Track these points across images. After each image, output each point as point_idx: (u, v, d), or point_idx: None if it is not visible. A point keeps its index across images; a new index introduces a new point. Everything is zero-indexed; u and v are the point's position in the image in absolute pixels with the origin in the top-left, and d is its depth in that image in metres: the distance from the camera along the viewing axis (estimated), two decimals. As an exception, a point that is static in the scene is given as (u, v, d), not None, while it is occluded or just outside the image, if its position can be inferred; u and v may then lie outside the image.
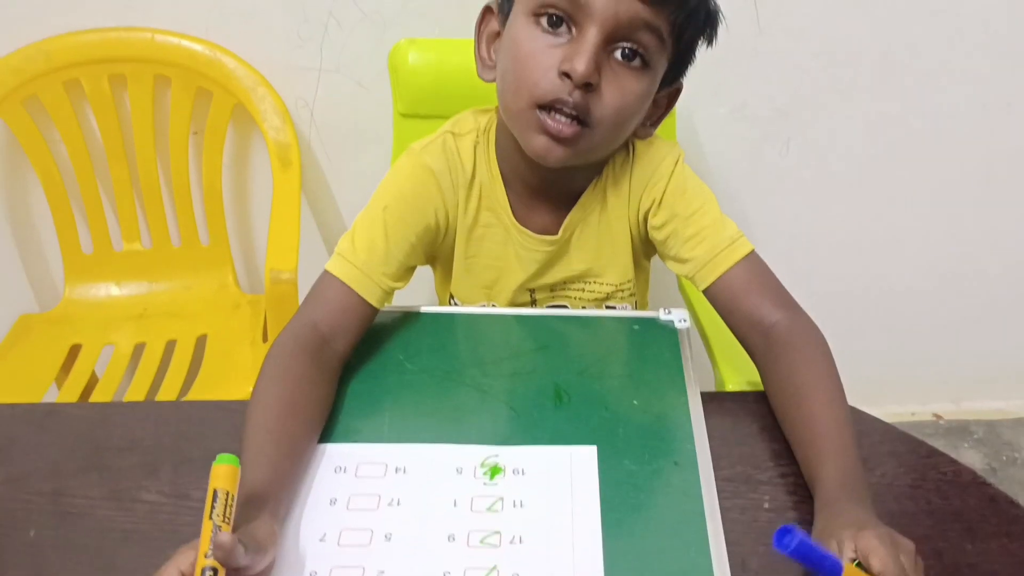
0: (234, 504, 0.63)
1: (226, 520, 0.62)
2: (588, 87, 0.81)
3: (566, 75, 0.81)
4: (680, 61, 0.89)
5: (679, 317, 0.96)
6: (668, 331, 0.95)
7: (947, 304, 1.75)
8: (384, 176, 0.96)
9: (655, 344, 0.93)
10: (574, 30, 0.82)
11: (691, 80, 0.90)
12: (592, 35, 0.80)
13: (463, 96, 0.93)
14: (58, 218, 1.52)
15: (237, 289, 1.56)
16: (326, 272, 0.90)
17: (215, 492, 0.62)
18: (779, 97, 1.55)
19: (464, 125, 0.98)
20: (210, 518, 0.61)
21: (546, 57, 0.82)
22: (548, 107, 0.83)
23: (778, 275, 0.91)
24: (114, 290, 1.56)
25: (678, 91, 0.95)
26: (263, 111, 1.45)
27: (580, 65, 0.80)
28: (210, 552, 0.60)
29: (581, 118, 0.83)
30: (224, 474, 0.63)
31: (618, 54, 0.83)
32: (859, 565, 0.62)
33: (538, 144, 0.86)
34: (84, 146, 1.48)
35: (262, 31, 1.45)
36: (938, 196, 1.64)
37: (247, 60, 1.45)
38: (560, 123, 0.83)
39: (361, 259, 0.89)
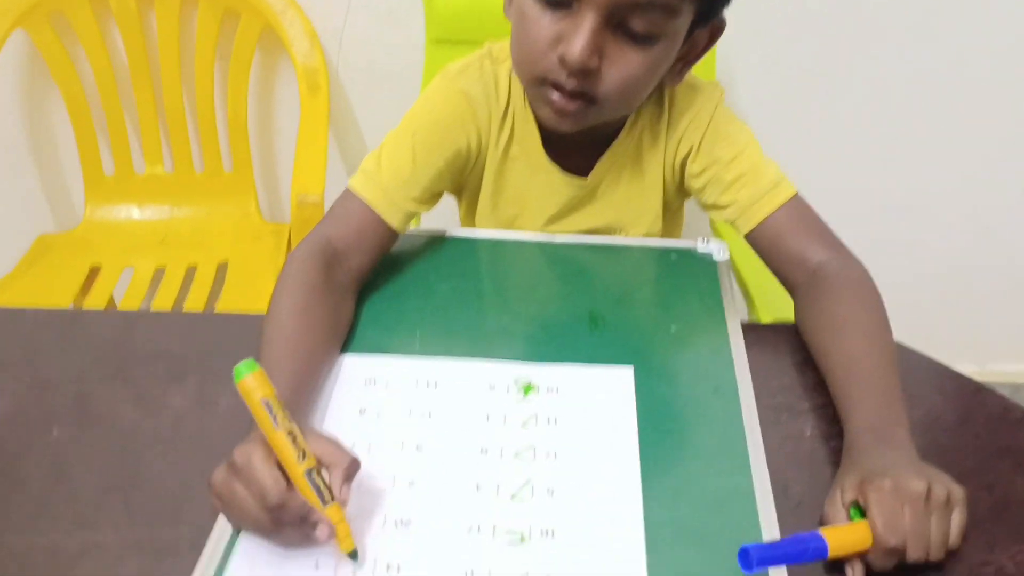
0: (281, 403, 0.61)
1: (288, 421, 0.60)
2: (586, 70, 0.77)
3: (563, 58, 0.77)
4: (710, 5, 0.82)
5: (718, 248, 0.93)
6: (706, 262, 0.92)
7: (975, 263, 1.72)
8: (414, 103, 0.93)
9: (693, 274, 0.90)
10: (575, 5, 0.77)
11: (730, 24, 0.85)
12: (589, 18, 0.75)
13: (500, 20, 0.89)
14: (80, 137, 1.50)
15: (260, 218, 1.54)
16: (348, 189, 0.88)
17: (266, 403, 0.60)
18: (822, 44, 1.50)
19: (503, 51, 0.93)
20: (277, 428, 0.60)
21: (545, 35, 0.78)
22: (551, 84, 0.80)
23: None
24: (135, 213, 1.54)
25: (720, 28, 0.88)
26: (292, 35, 1.42)
27: (575, 50, 0.75)
28: (300, 458, 0.59)
29: (584, 96, 0.80)
30: (260, 382, 0.61)
31: (623, 30, 0.77)
32: (859, 509, 0.61)
33: (544, 116, 0.84)
34: (109, 65, 1.46)
35: (293, -47, 1.42)
36: (984, 150, 1.59)
37: (277, -18, 1.42)
38: (563, 99, 0.80)
39: (385, 180, 0.87)
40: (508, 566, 0.60)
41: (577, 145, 0.92)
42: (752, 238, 0.87)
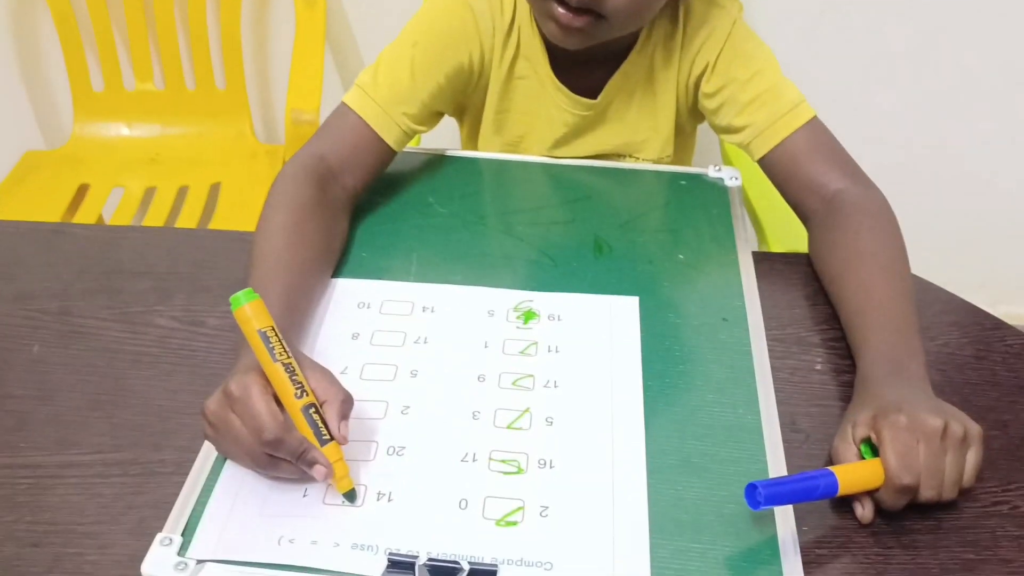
0: (280, 334, 0.59)
1: (286, 354, 0.58)
2: None
3: None
4: None
5: (730, 175, 0.90)
6: (718, 188, 0.89)
7: (992, 200, 1.68)
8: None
9: (703, 201, 0.87)
10: None
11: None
12: None
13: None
14: (68, 51, 1.44)
15: (254, 138, 1.49)
16: (342, 104, 0.84)
17: (263, 335, 0.58)
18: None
19: None
20: (275, 361, 0.57)
21: None
22: None
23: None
24: (124, 131, 1.49)
25: None
26: (287, -55, 1.35)
27: None
28: (299, 393, 0.57)
29: (591, 12, 0.75)
30: (258, 312, 0.58)
31: None
32: (870, 446, 0.58)
33: (549, 31, 0.80)
34: (96, -26, 1.39)
35: None
36: (1005, 77, 1.54)
37: None
38: (568, 14, 0.76)
39: (382, 95, 0.82)
40: (503, 496, 0.58)
41: (586, 63, 0.88)
42: (767, 163, 0.83)
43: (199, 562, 0.54)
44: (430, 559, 0.53)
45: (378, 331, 0.71)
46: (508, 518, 0.57)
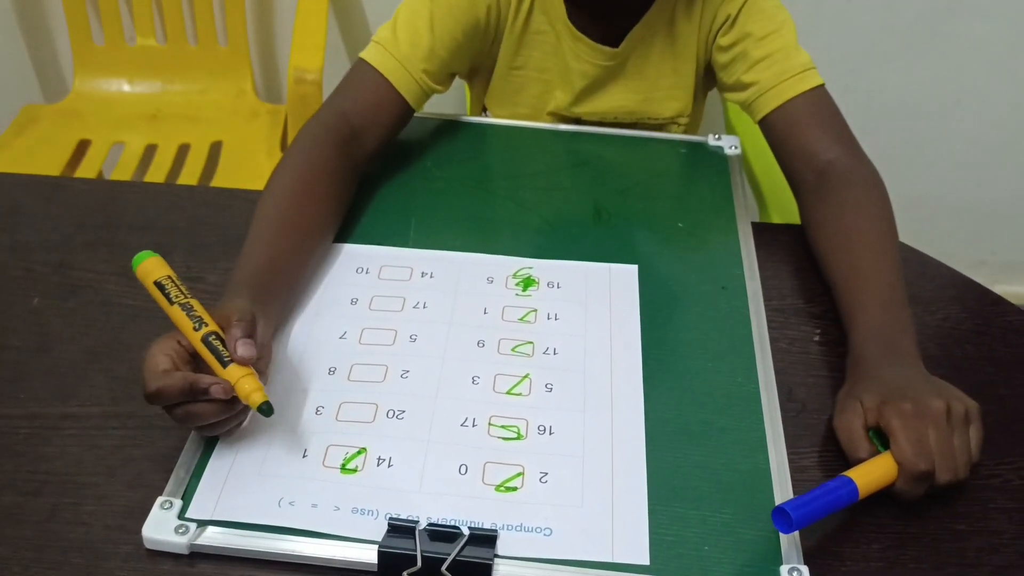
0: (181, 282, 0.60)
1: (182, 295, 0.59)
2: None
3: None
4: None
5: (730, 143, 0.89)
6: (718, 157, 0.88)
7: (994, 180, 1.67)
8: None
9: (703, 169, 0.87)
10: None
11: None
12: None
13: None
14: (69, 4, 1.42)
15: (255, 97, 1.48)
16: (362, 60, 0.82)
17: (159, 284, 0.60)
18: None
19: None
20: (172, 304, 0.59)
21: None
22: None
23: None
24: (125, 86, 1.47)
25: None
26: (292, -99, 1.33)
27: None
28: (197, 327, 0.57)
29: None
30: (156, 266, 0.61)
31: None
32: (879, 433, 0.58)
33: None
34: (97, -75, 1.37)
35: None
36: (1010, 60, 1.53)
37: None
38: None
39: (403, 51, 0.81)
40: (503, 462, 0.58)
41: (605, 15, 0.86)
42: (766, 124, 0.83)
43: (199, 524, 0.54)
44: (430, 524, 0.53)
45: (377, 296, 0.71)
46: (508, 484, 0.57)
